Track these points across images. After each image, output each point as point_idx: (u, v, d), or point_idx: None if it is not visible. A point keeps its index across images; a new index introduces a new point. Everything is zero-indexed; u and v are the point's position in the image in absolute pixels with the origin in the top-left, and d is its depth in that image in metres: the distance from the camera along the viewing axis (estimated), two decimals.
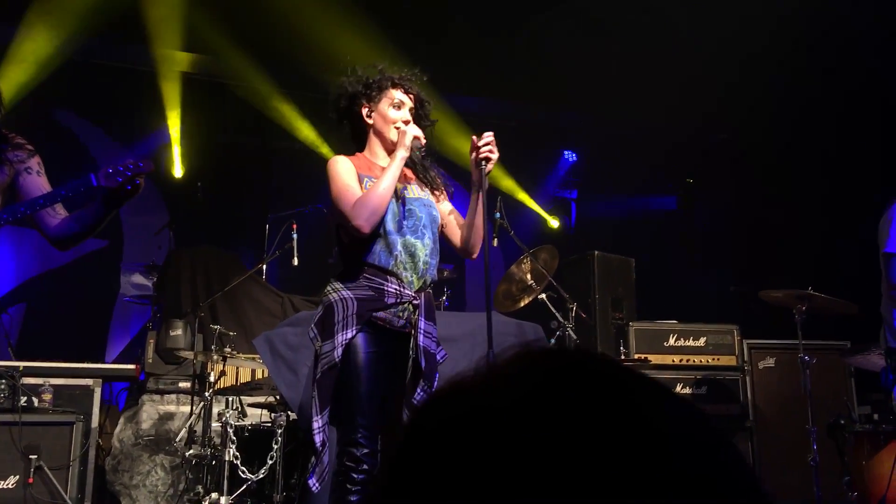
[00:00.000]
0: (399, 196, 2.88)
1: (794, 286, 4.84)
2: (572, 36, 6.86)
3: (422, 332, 2.78)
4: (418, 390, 2.75)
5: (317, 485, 2.74)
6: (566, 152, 8.92)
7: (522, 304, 5.22)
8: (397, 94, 2.98)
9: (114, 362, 7.01)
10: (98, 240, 7.76)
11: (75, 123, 8.02)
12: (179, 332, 5.60)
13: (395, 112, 2.96)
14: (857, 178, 6.68)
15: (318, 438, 2.73)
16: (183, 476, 5.00)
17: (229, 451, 4.30)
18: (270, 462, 4.24)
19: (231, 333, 5.18)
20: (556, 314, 5.11)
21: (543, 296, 5.14)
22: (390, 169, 2.83)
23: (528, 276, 5.22)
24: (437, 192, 3.05)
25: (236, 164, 8.18)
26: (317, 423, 2.72)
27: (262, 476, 4.26)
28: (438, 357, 2.90)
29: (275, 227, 6.63)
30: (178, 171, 7.83)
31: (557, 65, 7.21)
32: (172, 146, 7.78)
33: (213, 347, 4.88)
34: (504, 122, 7.48)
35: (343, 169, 2.87)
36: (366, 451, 2.66)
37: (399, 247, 2.80)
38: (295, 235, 5.30)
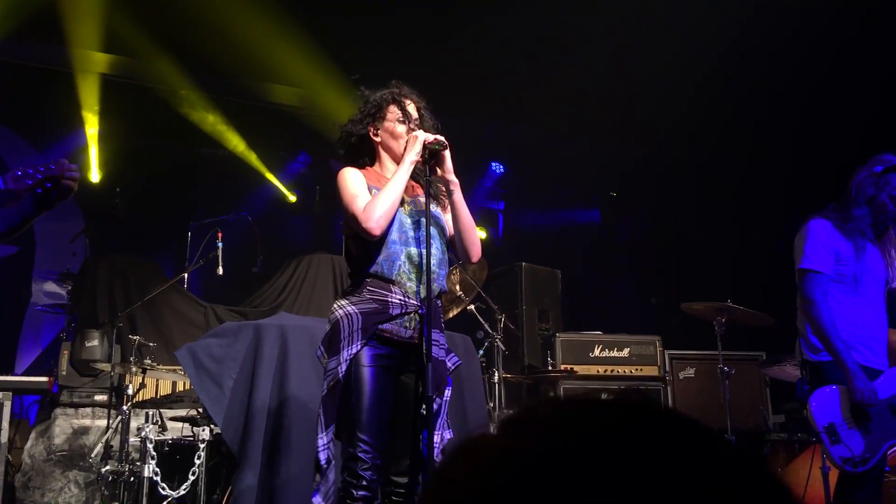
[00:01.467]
0: (409, 206, 2.90)
1: (712, 299, 4.99)
2: (500, 49, 6.93)
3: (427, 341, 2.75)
4: (435, 399, 2.73)
5: (322, 503, 2.73)
6: (493, 164, 8.99)
7: (451, 315, 5.23)
8: (400, 109, 2.99)
9: (24, 374, 6.70)
10: (7, 246, 7.43)
11: None
12: (96, 342, 5.41)
13: (401, 126, 2.98)
14: (774, 194, 6.94)
15: (322, 456, 2.73)
16: (98, 493, 4.80)
17: (149, 467, 4.15)
18: (192, 477, 4.12)
19: (151, 344, 5.02)
20: (485, 325, 5.13)
21: (472, 307, 5.15)
22: (399, 172, 2.84)
23: (458, 287, 5.23)
24: (442, 203, 3.04)
25: (157, 170, 7.94)
26: (321, 440, 2.72)
27: (183, 493, 4.14)
28: (450, 364, 2.92)
29: (197, 235, 6.49)
30: (94, 175, 7.55)
31: (485, 77, 7.27)
32: (89, 149, 7.51)
33: (131, 359, 4.72)
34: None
35: (353, 178, 2.89)
36: (366, 466, 2.64)
37: (402, 257, 2.82)
38: (220, 244, 5.19)
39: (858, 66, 6.19)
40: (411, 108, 3.02)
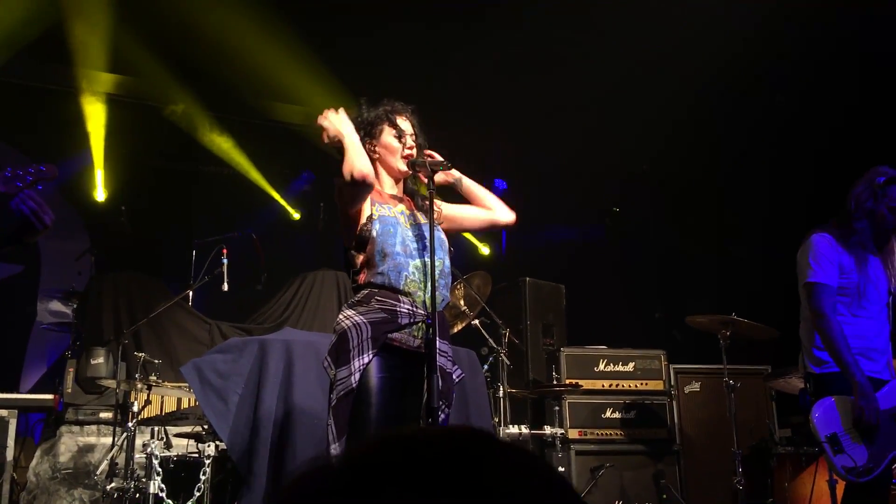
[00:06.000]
0: (408, 221, 2.95)
1: (717, 312, 4.99)
2: (502, 66, 6.98)
3: (437, 351, 2.76)
4: (440, 413, 2.73)
5: None
6: (497, 181, 9.01)
7: (456, 330, 5.23)
8: (393, 126, 3.04)
9: (29, 392, 6.71)
10: (12, 265, 7.47)
11: None
12: (101, 360, 5.42)
13: (396, 142, 3.03)
14: (776, 206, 6.95)
15: None
16: None
17: (154, 483, 4.16)
18: (198, 494, 4.12)
19: (156, 361, 5.03)
20: (489, 340, 5.14)
21: (477, 321, 5.16)
22: (347, 138, 2.86)
23: (462, 302, 5.24)
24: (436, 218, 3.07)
25: (161, 189, 7.99)
26: (334, 450, 2.69)
27: None
28: (455, 376, 2.93)
29: (201, 252, 6.50)
30: (100, 194, 7.60)
31: (487, 94, 7.32)
32: (95, 169, 7.56)
33: (136, 376, 4.74)
34: (435, 151, 7.51)
35: None
36: None
37: (410, 268, 2.85)
38: (225, 261, 5.22)
39: (864, 77, 6.23)
40: (405, 123, 3.06)
